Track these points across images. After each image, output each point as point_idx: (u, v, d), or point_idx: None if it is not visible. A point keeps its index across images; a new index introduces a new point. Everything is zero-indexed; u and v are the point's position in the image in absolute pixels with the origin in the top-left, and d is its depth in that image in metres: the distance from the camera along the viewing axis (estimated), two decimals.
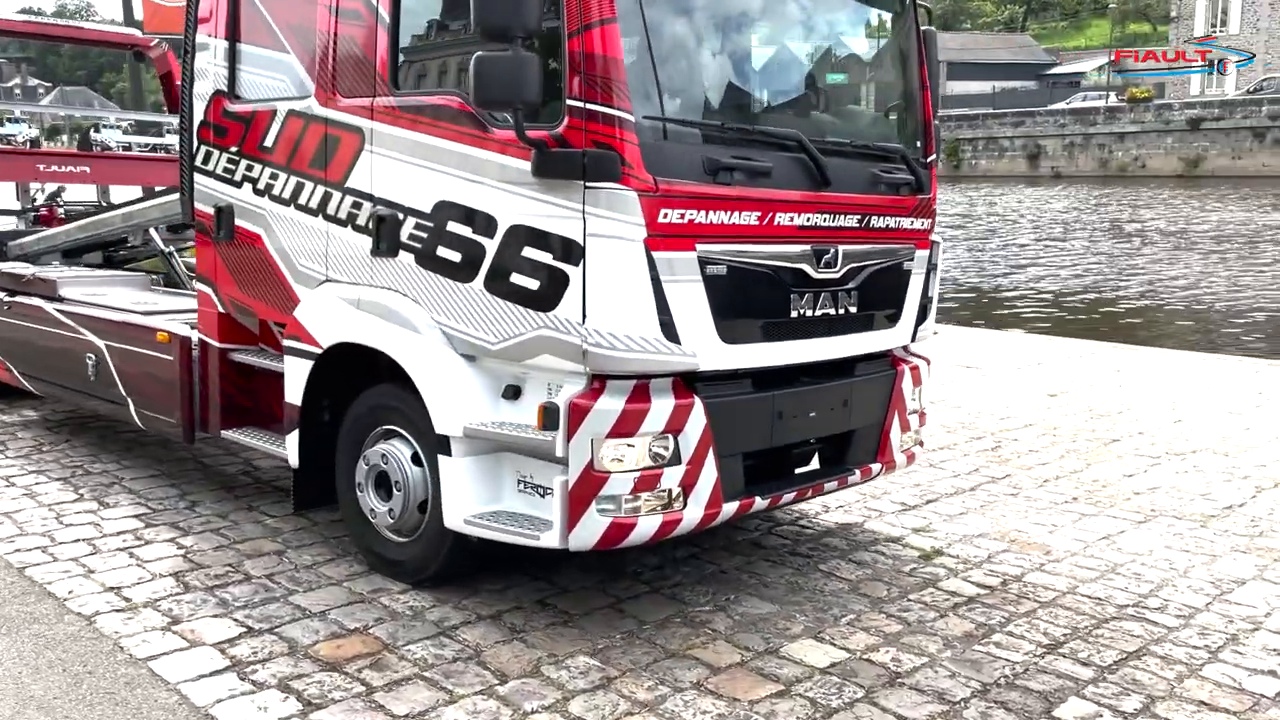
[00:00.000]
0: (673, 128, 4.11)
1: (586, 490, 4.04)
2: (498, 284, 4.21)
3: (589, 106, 3.89)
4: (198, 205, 5.67)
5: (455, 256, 4.35)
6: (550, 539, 4.14)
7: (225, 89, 5.43)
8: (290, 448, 5.14)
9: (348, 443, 4.98)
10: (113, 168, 10.08)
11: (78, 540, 5.29)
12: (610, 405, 4.01)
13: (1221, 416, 8.89)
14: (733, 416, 4.34)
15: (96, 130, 10.30)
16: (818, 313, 4.62)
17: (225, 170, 5.45)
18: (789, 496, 4.78)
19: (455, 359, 4.41)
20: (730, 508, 4.40)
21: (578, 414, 4.02)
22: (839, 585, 4.97)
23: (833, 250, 4.63)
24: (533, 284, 4.10)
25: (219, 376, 5.67)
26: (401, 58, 4.57)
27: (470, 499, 4.38)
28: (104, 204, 10.35)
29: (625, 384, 4.07)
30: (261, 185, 5.23)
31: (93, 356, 6.44)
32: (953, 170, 59.09)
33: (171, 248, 8.05)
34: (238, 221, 5.40)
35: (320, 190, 4.91)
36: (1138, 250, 27.99)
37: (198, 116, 5.61)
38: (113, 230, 8.01)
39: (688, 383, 4.22)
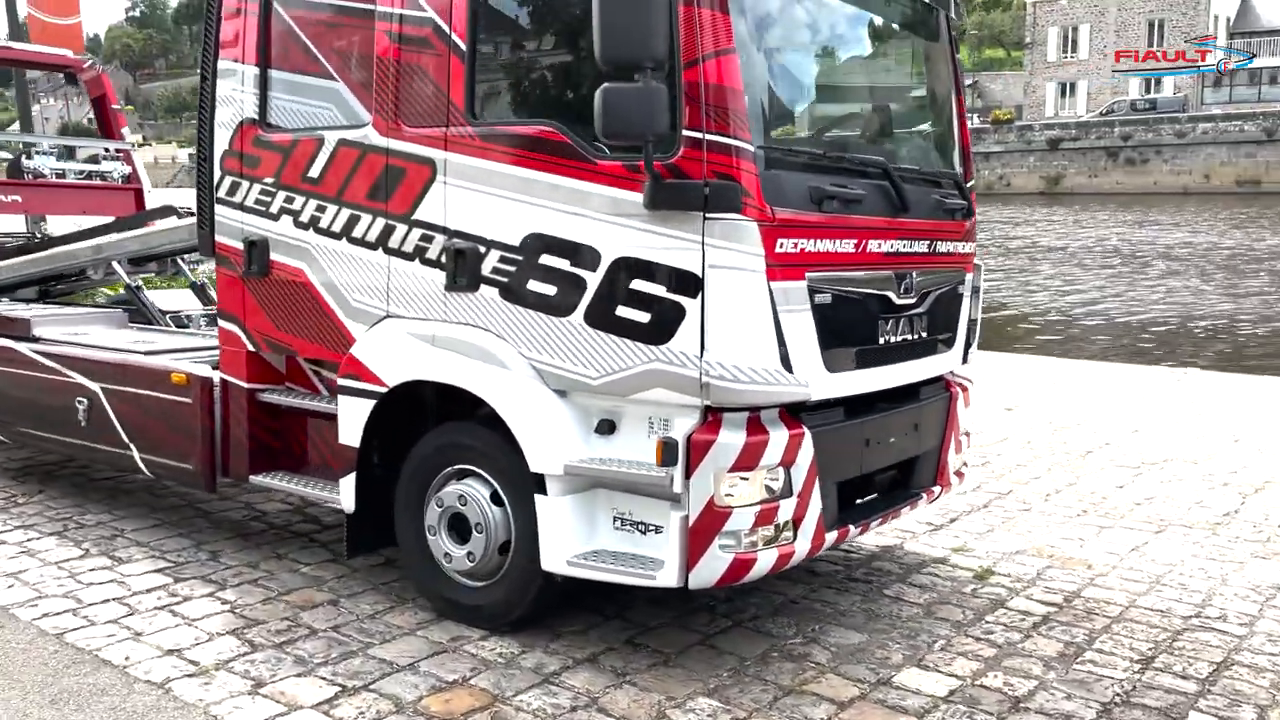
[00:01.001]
0: (779, 156, 4.08)
1: (709, 527, 3.96)
2: (601, 318, 4.10)
3: (708, 137, 3.83)
4: (221, 239, 5.38)
5: (549, 290, 4.22)
6: (667, 578, 4.04)
7: (256, 117, 5.16)
8: (345, 492, 4.90)
9: (412, 485, 4.77)
10: (48, 196, 9.50)
11: (108, 600, 4.92)
12: (732, 439, 3.94)
13: (1170, 425, 9.27)
14: (833, 445, 4.32)
15: (28, 157, 9.69)
16: (899, 338, 4.64)
17: (258, 202, 5.18)
18: (876, 523, 4.79)
19: (547, 395, 4.28)
20: (830, 537, 4.38)
21: (699, 449, 3.94)
22: (913, 610, 4.99)
23: (909, 276, 4.67)
24: (643, 317, 4.01)
25: (247, 419, 5.38)
26: (480, 87, 4.42)
27: (571, 539, 4.24)
28: (37, 235, 9.76)
29: (740, 417, 4.01)
30: (305, 218, 4.99)
31: (84, 401, 6.03)
32: None
33: (139, 280, 7.63)
34: (274, 256, 5.14)
35: (380, 223, 4.71)
36: (1033, 266, 29.17)
37: (220, 146, 5.32)
38: (78, 263, 7.53)
39: (793, 413, 4.18)
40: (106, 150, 9.98)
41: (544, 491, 4.27)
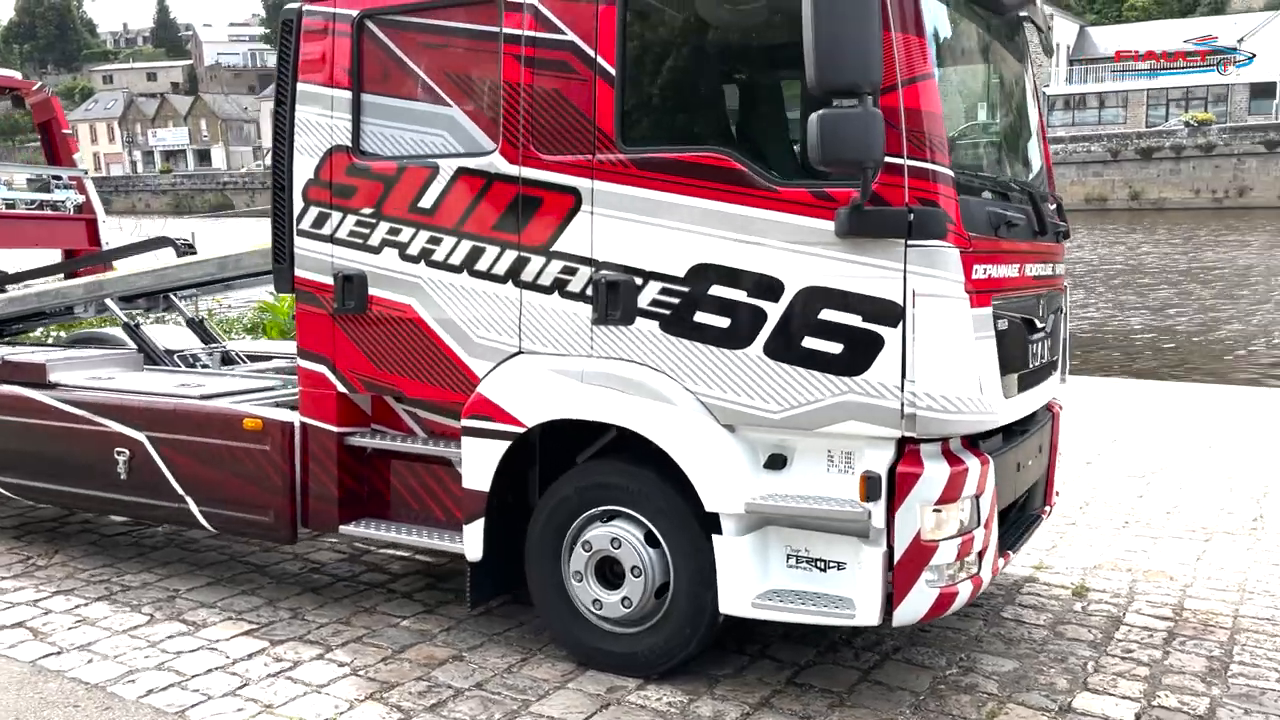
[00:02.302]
0: (964, 181, 4.04)
1: (915, 561, 3.87)
2: (785, 350, 3.98)
3: (909, 163, 3.76)
4: (304, 274, 5.03)
5: (722, 322, 4.08)
6: (867, 616, 3.93)
7: (349, 144, 4.85)
8: (471, 539, 4.62)
9: (548, 530, 4.54)
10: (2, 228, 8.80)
11: (211, 670, 4.52)
12: (938, 471, 3.86)
13: (1145, 433, 9.61)
14: (1003, 472, 4.29)
15: None
16: (1038, 361, 4.66)
17: (354, 234, 4.86)
18: (1021, 547, 4.78)
19: (718, 431, 4.12)
20: (999, 565, 4.35)
21: (905, 482, 3.85)
22: (1041, 633, 4.99)
23: (1043, 298, 4.70)
24: (834, 348, 3.90)
25: (336, 465, 5.03)
26: (632, 112, 4.25)
27: (751, 580, 4.10)
28: None
29: (935, 448, 3.94)
30: (414, 250, 4.71)
31: (125, 452, 5.55)
32: None
33: (139, 319, 7.11)
34: (374, 291, 4.83)
35: (511, 255, 4.47)
36: None
37: (302, 175, 4.98)
38: (67, 300, 6.97)
39: (973, 441, 4.14)
40: (58, 178, 9.31)
41: (718, 531, 4.12)
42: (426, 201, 4.67)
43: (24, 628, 5.00)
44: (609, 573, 4.43)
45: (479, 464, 4.57)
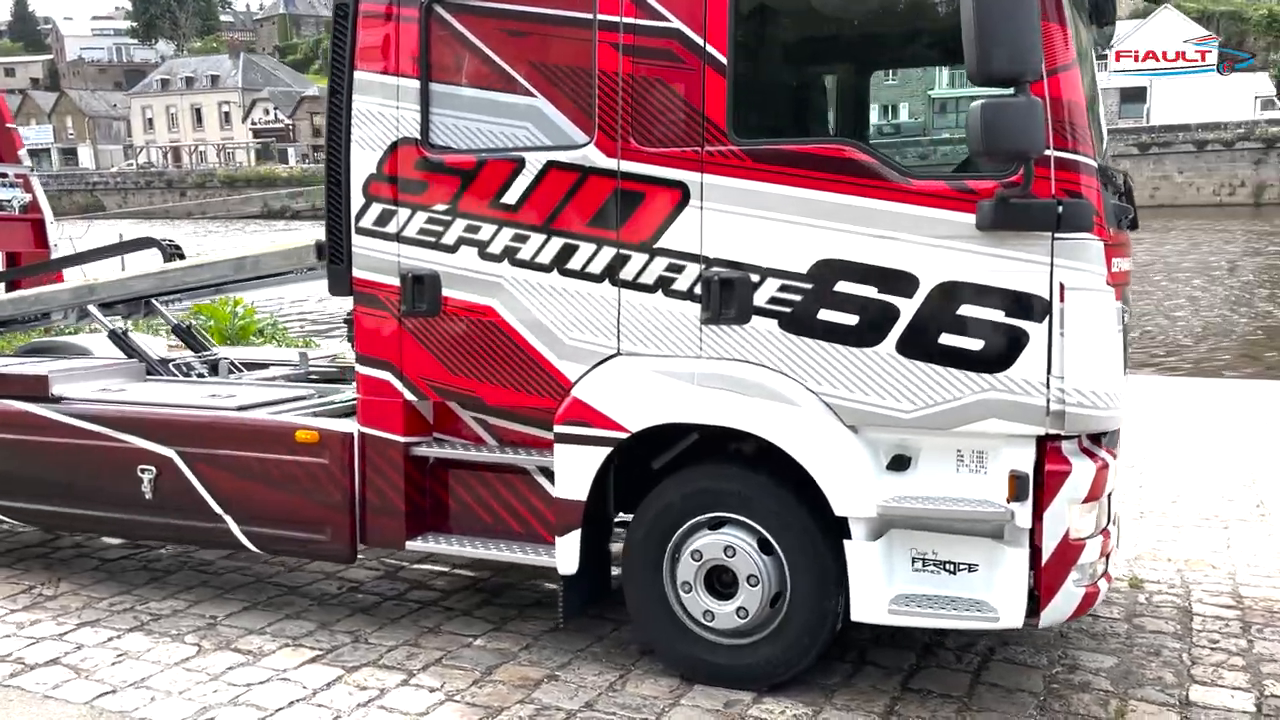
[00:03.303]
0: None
1: (1063, 561, 3.80)
2: (920, 347, 3.87)
3: (1055, 154, 3.69)
4: (364, 274, 4.72)
5: (849, 320, 3.95)
6: (1011, 618, 3.85)
7: (417, 137, 4.57)
8: (565, 551, 4.39)
9: (650, 539, 4.34)
10: None
11: (293, 703, 4.19)
12: (1085, 468, 3.80)
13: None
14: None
15: None
16: (1127, 356, 4.65)
17: (424, 232, 4.57)
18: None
19: (844, 432, 3.99)
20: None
21: (1054, 480, 3.78)
22: (1120, 625, 5.00)
23: (1127, 292, 4.70)
24: (974, 345, 3.81)
25: (403, 477, 4.73)
26: (746, 103, 4.09)
27: (883, 586, 3.98)
28: None
29: (1074, 445, 3.88)
30: (496, 249, 4.45)
31: (150, 470, 5.13)
32: None
33: (127, 325, 6.63)
34: (448, 292, 4.55)
35: (608, 253, 4.26)
36: None
37: (362, 170, 4.67)
38: (52, 305, 6.45)
39: (1094, 438, 4.09)
40: (4, 175, 8.65)
41: (847, 536, 3.99)
42: (510, 197, 4.42)
43: (61, 665, 4.57)
44: (716, 583, 4.27)
45: (575, 472, 4.35)
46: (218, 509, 5.03)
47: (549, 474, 4.54)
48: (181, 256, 6.80)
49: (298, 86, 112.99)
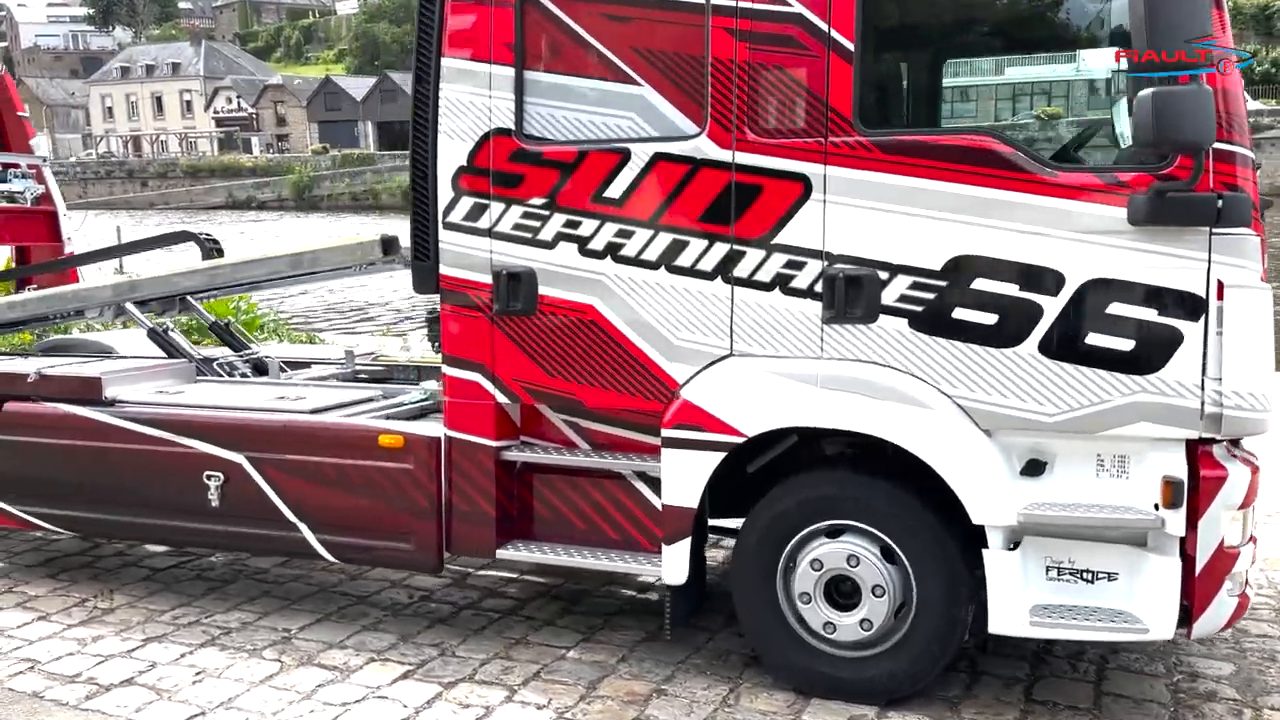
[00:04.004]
0: None
1: (1218, 570, 3.67)
2: (1064, 348, 3.71)
3: (1216, 145, 3.53)
4: (452, 271, 4.49)
5: (987, 319, 3.78)
6: (1161, 629, 3.71)
7: (511, 127, 4.35)
8: (674, 561, 4.20)
9: (762, 547, 4.17)
10: None
11: None
12: (1240, 474, 3.66)
13: None
14: None
15: None
16: None
17: (520, 227, 4.36)
18: None
19: (980, 437, 3.83)
20: None
21: (1210, 486, 3.63)
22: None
23: None
24: (1125, 344, 3.66)
25: (494, 483, 4.52)
26: (876, 92, 3.91)
27: (1021, 596, 3.83)
28: None
29: (1223, 449, 3.73)
30: (598, 245, 4.25)
31: (218, 476, 4.88)
32: None
33: (168, 322, 6.35)
34: (546, 290, 4.35)
35: (721, 249, 4.07)
36: None
37: (452, 161, 4.44)
38: (91, 302, 6.17)
39: (1235, 442, 3.94)
40: (16, 166, 8.30)
41: (984, 545, 3.84)
42: (614, 191, 4.21)
43: (138, 685, 4.32)
44: (834, 592, 4.10)
45: (686, 478, 4.16)
46: (292, 517, 4.80)
47: (647, 479, 4.37)
48: (220, 251, 6.53)
49: (260, 75, 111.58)
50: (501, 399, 4.50)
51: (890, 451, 3.97)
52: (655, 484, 4.33)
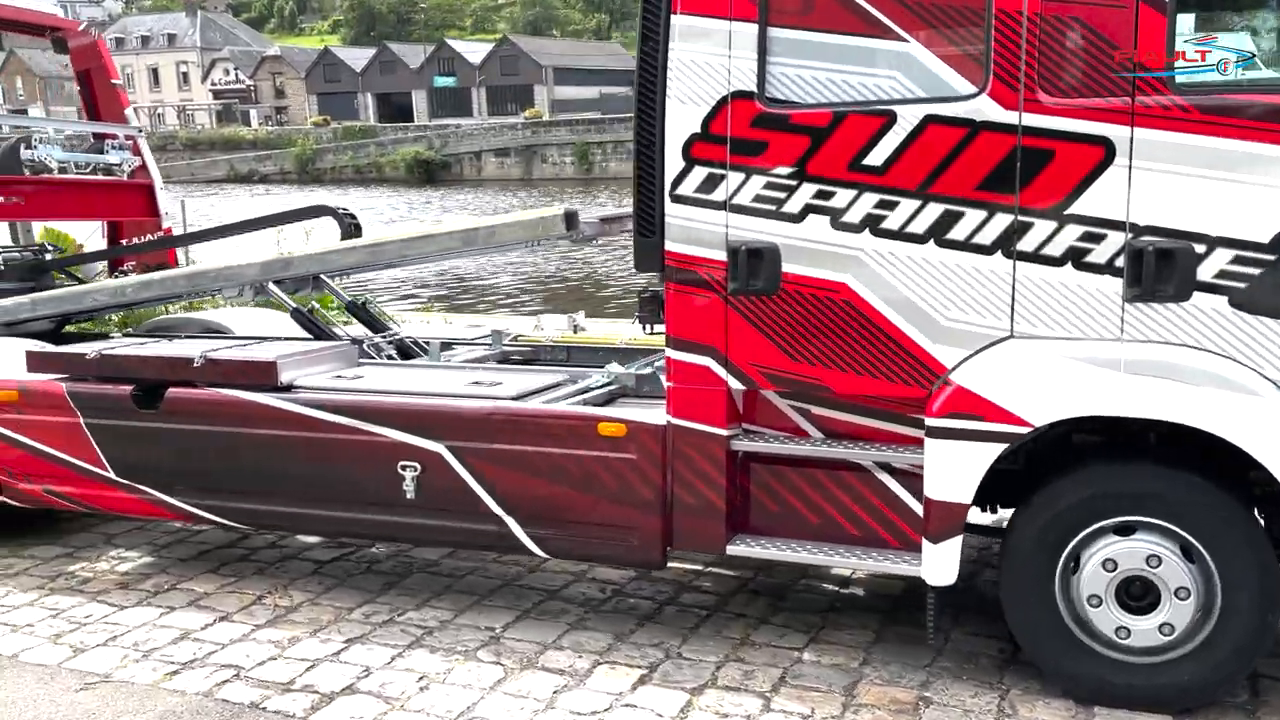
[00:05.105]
0: None
1: None
2: None
3: None
4: (679, 247, 4.16)
5: None
6: None
7: (754, 90, 4.00)
8: (943, 561, 3.89)
9: (1039, 546, 3.86)
10: (51, 197, 7.43)
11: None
12: None
13: None
14: None
15: (28, 146, 7.43)
16: None
17: (760, 199, 4.02)
18: None
19: None
20: None
21: None
22: None
23: None
24: None
25: (724, 474, 4.21)
26: (1194, 45, 3.56)
27: None
28: (36, 246, 7.68)
29: None
30: (854, 217, 3.91)
31: (414, 466, 4.56)
32: (585, 173, 60.32)
33: (313, 303, 6.01)
34: (790, 267, 4.01)
35: (1003, 220, 3.74)
36: None
37: (683, 128, 4.09)
38: (238, 280, 5.82)
39: None
40: (112, 137, 7.93)
41: None
42: (875, 158, 3.87)
43: (361, 694, 4.02)
44: (1124, 595, 3.79)
45: (958, 471, 3.84)
46: (497, 509, 4.48)
47: (891, 470, 4.06)
48: (358, 228, 6.20)
49: (258, 46, 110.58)
50: (736, 385, 4.17)
51: (1175, 439, 3.66)
52: (902, 476, 4.04)
